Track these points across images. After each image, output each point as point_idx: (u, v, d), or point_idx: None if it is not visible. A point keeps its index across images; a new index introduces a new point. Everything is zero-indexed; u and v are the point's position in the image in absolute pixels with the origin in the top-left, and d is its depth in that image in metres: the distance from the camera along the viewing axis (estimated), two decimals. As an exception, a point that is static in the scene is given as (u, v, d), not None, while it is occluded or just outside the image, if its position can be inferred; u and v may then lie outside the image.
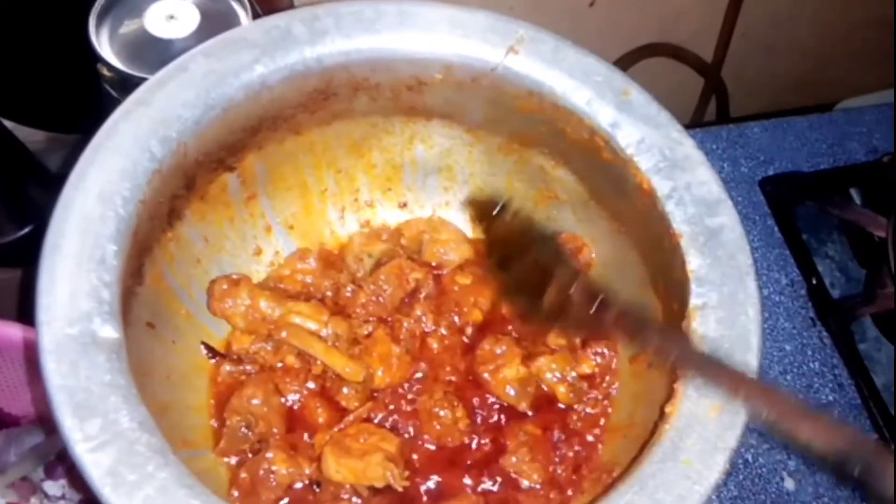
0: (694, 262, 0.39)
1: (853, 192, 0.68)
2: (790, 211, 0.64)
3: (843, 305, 0.60)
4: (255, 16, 0.49)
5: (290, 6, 0.58)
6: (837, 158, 0.68)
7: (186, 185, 0.43)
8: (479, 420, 0.46)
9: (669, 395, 0.37)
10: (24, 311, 0.52)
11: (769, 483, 0.52)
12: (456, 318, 0.49)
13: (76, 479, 0.50)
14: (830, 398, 0.56)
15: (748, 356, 0.36)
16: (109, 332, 0.34)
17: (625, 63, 0.84)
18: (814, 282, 0.61)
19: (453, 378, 0.47)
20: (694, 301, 0.38)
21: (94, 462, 0.31)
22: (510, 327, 0.49)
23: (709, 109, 0.97)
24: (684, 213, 0.40)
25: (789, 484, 0.53)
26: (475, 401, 0.46)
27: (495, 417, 0.47)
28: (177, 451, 0.33)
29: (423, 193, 0.54)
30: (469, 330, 0.49)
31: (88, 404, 0.32)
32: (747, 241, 0.39)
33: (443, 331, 0.49)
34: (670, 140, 0.42)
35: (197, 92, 0.40)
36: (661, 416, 0.35)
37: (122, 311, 0.36)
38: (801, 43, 0.93)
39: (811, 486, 0.52)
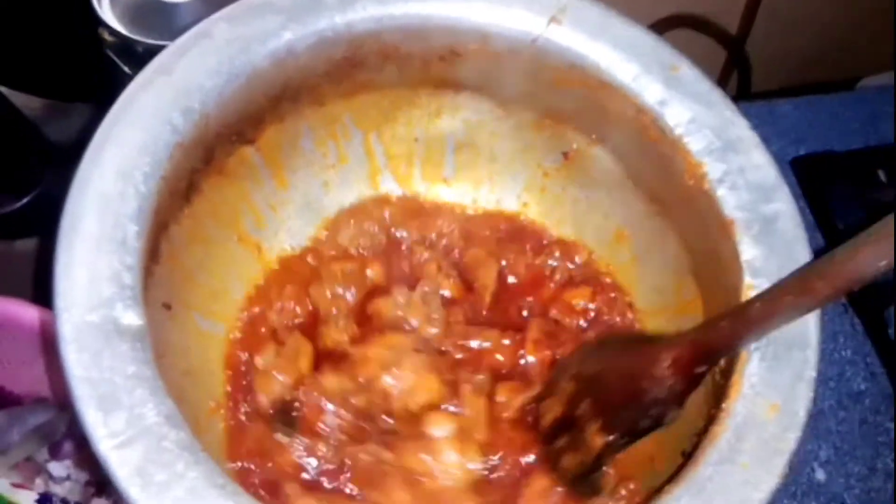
0: (748, 252, 0.37)
1: (880, 173, 0.66)
2: (822, 192, 0.63)
3: (875, 292, 0.58)
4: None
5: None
6: (870, 138, 0.66)
7: (205, 159, 0.41)
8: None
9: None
10: (20, 286, 0.51)
11: (800, 474, 0.51)
12: None
13: (81, 459, 0.49)
14: (862, 387, 0.55)
15: (807, 352, 0.34)
16: (132, 318, 0.31)
17: (648, 34, 0.81)
18: (847, 266, 0.59)
19: None
20: (747, 293, 0.36)
21: (120, 460, 0.29)
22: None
23: (730, 84, 0.94)
24: (738, 199, 0.38)
25: (820, 475, 0.52)
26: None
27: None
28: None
29: (447, 169, 0.51)
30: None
31: (113, 397, 0.30)
32: (804, 229, 0.37)
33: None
34: (723, 120, 0.39)
35: (220, 59, 0.38)
36: (716, 416, 0.33)
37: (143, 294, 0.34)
38: (825, 17, 0.91)
39: (842, 477, 0.51)
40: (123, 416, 0.29)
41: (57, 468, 0.49)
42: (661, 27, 0.80)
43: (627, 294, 0.47)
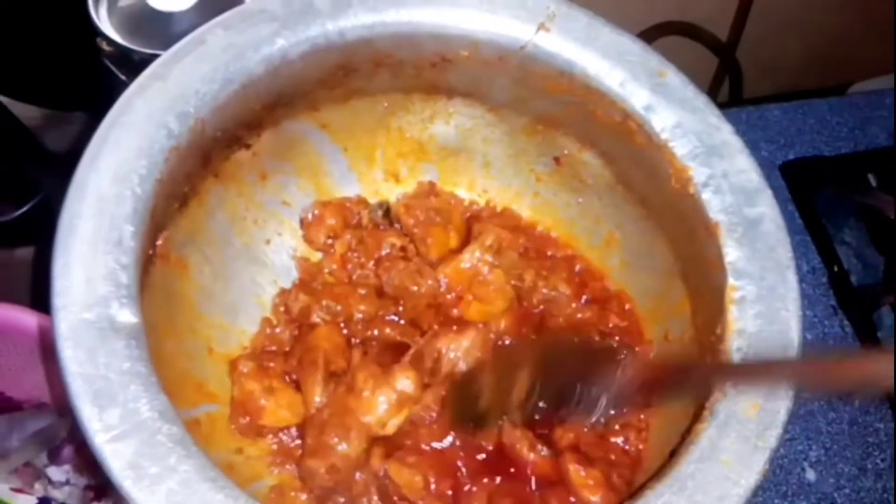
0: (731, 254, 0.37)
1: (870, 177, 0.67)
2: (811, 196, 0.63)
3: (865, 294, 0.59)
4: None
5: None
6: (858, 142, 0.67)
7: (202, 163, 0.42)
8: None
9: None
10: (20, 293, 0.51)
11: (790, 474, 0.52)
12: None
13: (81, 464, 0.49)
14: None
15: (788, 353, 0.35)
16: (128, 316, 0.32)
17: (641, 41, 0.82)
18: (835, 269, 0.60)
19: None
20: (731, 294, 0.37)
21: (114, 453, 0.29)
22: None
23: (722, 91, 0.95)
24: (722, 202, 0.38)
25: (810, 475, 0.52)
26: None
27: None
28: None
29: (442, 175, 0.52)
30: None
31: (107, 393, 0.30)
32: (787, 232, 0.38)
33: None
34: (708, 125, 0.40)
35: (215, 66, 0.38)
36: (699, 414, 0.34)
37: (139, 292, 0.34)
38: (816, 23, 0.92)
39: (832, 478, 0.52)
40: (118, 412, 0.30)
41: (56, 473, 0.49)
42: (653, 34, 0.81)
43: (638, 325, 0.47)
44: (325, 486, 0.39)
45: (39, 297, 0.46)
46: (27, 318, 0.46)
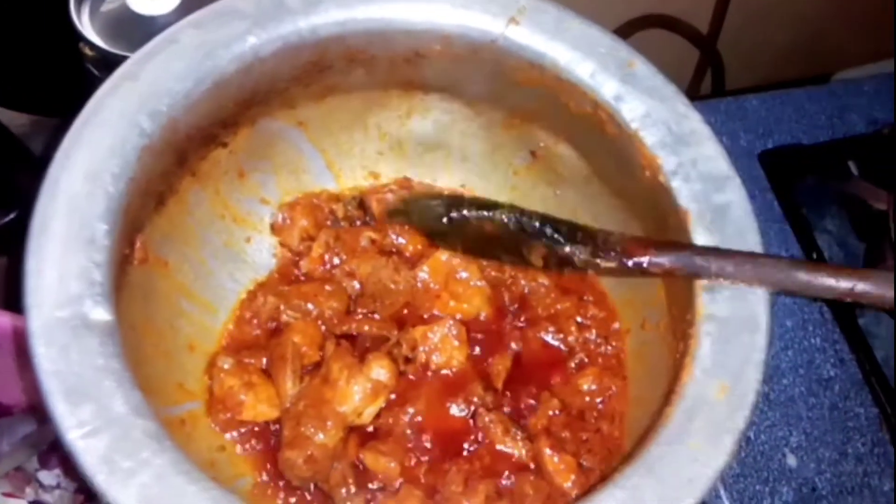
0: (701, 240, 0.38)
1: (851, 165, 0.67)
2: (790, 185, 0.64)
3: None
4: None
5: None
6: (837, 130, 0.67)
7: (178, 162, 0.42)
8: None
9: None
10: (13, 300, 0.51)
11: (771, 460, 0.52)
12: None
13: (71, 468, 0.49)
14: (832, 373, 0.56)
15: (757, 336, 0.35)
16: (101, 314, 0.33)
17: (620, 34, 0.82)
18: (814, 257, 0.60)
19: None
20: (701, 280, 0.37)
21: (86, 449, 0.30)
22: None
23: (704, 83, 0.95)
24: (691, 190, 0.39)
25: (791, 460, 0.52)
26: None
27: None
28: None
29: (421, 171, 0.52)
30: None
31: (80, 389, 0.31)
32: (755, 218, 0.38)
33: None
34: (676, 114, 0.40)
35: (187, 64, 0.39)
36: (668, 397, 0.35)
37: (115, 291, 0.35)
38: (797, 13, 0.92)
39: (813, 463, 0.52)
40: (91, 408, 0.30)
41: (47, 477, 0.49)
42: (633, 27, 0.81)
43: (615, 315, 0.47)
44: (303, 476, 0.39)
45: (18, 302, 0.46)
46: (13, 323, 0.46)
